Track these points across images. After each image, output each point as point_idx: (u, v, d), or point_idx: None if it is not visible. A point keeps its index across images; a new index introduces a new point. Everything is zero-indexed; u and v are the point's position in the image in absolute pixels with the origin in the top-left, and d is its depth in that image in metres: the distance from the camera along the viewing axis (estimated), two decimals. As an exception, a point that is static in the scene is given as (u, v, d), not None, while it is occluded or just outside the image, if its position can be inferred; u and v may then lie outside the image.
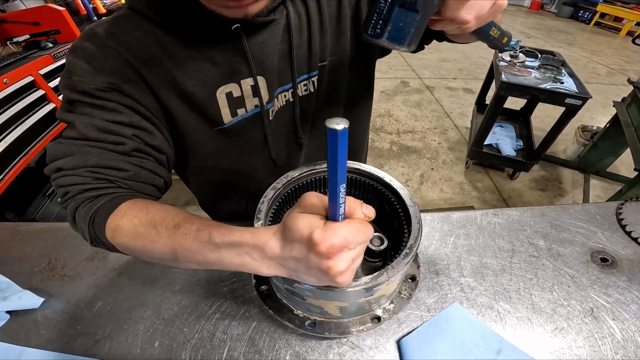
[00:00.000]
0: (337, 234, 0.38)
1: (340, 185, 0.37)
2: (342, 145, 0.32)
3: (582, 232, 0.78)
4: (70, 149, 0.56)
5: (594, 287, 0.67)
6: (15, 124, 1.67)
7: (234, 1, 0.51)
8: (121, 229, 0.51)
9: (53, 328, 0.66)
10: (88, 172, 0.55)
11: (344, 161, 0.35)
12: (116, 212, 0.53)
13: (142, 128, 0.59)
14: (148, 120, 0.61)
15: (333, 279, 0.41)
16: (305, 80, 0.74)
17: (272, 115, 0.74)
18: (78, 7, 2.54)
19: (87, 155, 0.55)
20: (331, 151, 0.33)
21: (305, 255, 0.41)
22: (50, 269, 0.77)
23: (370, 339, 0.61)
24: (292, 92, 0.74)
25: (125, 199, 0.55)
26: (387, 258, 0.66)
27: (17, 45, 2.06)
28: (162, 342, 0.62)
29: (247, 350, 0.60)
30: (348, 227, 0.40)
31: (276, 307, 0.61)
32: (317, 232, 0.39)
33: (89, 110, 0.56)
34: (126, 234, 0.51)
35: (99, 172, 0.56)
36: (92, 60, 0.56)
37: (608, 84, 5.11)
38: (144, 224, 0.50)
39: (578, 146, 3.09)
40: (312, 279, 0.44)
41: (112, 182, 0.57)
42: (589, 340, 0.59)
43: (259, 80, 0.67)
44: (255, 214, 0.59)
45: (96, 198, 0.55)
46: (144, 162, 0.60)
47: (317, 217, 0.41)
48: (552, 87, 2.37)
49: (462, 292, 0.68)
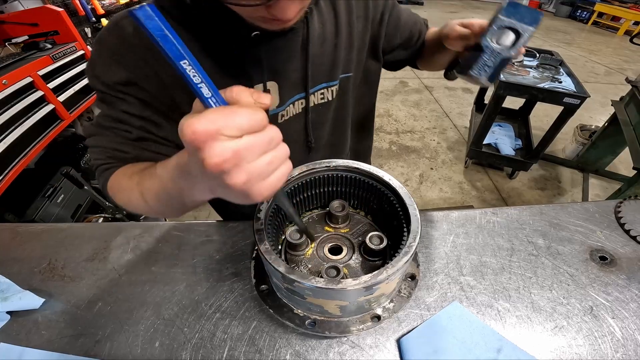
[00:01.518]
0: (200, 118, 0.33)
1: (178, 62, 0.33)
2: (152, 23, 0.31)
3: (581, 231, 0.78)
4: (94, 130, 0.68)
5: (593, 285, 0.67)
6: (15, 125, 1.67)
7: (278, 22, 0.50)
8: (116, 188, 0.64)
9: (53, 328, 0.66)
10: (101, 151, 0.67)
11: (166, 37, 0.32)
12: (114, 176, 0.65)
13: (150, 120, 0.66)
14: (160, 114, 0.66)
15: (220, 180, 0.35)
16: (324, 88, 0.76)
17: (281, 119, 0.75)
18: (76, 8, 2.54)
19: (103, 139, 0.67)
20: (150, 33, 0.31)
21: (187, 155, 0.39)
22: (51, 270, 0.77)
23: (370, 338, 0.61)
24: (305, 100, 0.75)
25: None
26: (387, 257, 0.66)
27: (15, 46, 2.06)
28: (162, 342, 0.62)
29: (248, 349, 0.60)
30: (218, 111, 0.34)
31: (276, 307, 0.61)
32: (182, 122, 0.34)
33: (110, 100, 0.64)
34: (118, 190, 0.63)
35: (109, 152, 0.66)
36: (114, 54, 0.61)
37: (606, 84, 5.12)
38: (126, 177, 0.61)
39: (577, 145, 3.10)
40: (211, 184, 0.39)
41: (121, 161, 0.67)
42: (589, 339, 0.59)
43: (270, 85, 0.68)
44: (255, 213, 0.59)
45: (107, 170, 0.67)
46: (148, 146, 0.67)
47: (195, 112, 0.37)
48: (551, 86, 2.38)
49: (462, 290, 0.68)
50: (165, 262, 0.76)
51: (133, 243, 0.81)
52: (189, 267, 0.75)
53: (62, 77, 1.97)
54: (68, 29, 2.14)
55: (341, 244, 0.67)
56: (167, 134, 0.68)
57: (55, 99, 1.89)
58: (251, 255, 0.74)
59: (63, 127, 2.00)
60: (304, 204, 0.73)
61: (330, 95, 0.78)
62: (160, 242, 0.81)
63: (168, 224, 0.86)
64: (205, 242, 0.80)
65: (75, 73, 2.09)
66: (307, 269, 0.63)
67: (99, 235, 0.84)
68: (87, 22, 2.70)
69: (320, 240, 0.68)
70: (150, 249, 0.80)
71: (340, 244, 0.67)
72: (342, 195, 0.74)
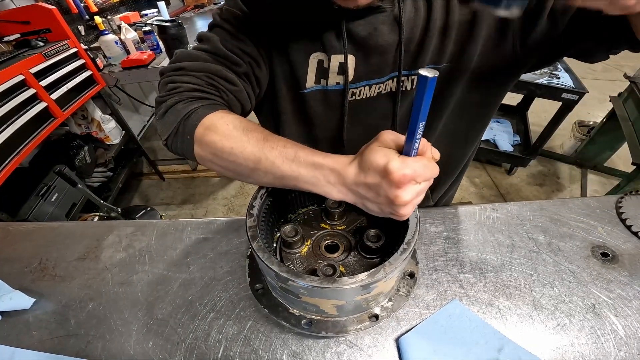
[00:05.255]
0: (409, 166, 0.44)
1: (420, 122, 0.41)
2: (429, 89, 0.37)
3: (582, 227, 0.77)
4: (199, 55, 0.67)
5: (595, 282, 0.66)
6: (6, 123, 1.64)
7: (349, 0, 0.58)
8: (216, 128, 0.58)
9: (44, 329, 0.65)
10: (206, 77, 0.66)
11: (428, 103, 0.39)
12: (215, 113, 0.60)
13: (256, 60, 0.70)
14: (262, 57, 0.71)
15: (397, 209, 0.47)
16: (404, 77, 0.71)
17: (351, 97, 0.74)
18: (69, 5, 2.50)
19: (211, 64, 0.66)
20: (419, 93, 0.38)
21: (378, 182, 0.46)
22: (42, 269, 0.75)
23: (369, 338, 0.60)
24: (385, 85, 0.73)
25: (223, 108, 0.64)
26: (385, 255, 0.65)
27: (7, 45, 2.03)
28: (156, 343, 0.61)
29: (243, 350, 0.59)
30: (419, 162, 0.45)
31: (271, 306, 0.60)
32: (393, 162, 0.44)
33: (225, 34, 0.68)
34: (219, 133, 0.57)
35: (215, 79, 0.66)
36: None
37: (604, 80, 5.12)
38: (237, 129, 0.57)
39: (575, 141, 3.09)
40: (376, 208, 0.50)
41: (220, 91, 0.67)
42: (592, 337, 0.58)
43: (349, 58, 0.68)
44: (248, 209, 0.58)
45: (199, 99, 0.64)
46: (246, 86, 0.71)
47: (393, 151, 0.47)
48: (549, 82, 2.37)
49: (462, 288, 0.66)
50: (158, 260, 0.75)
51: (125, 242, 0.80)
52: (182, 266, 0.73)
53: (54, 75, 1.94)
54: (60, 27, 2.10)
55: (338, 242, 0.65)
56: (262, 77, 0.73)
57: (48, 97, 1.87)
58: (246, 253, 0.72)
59: (56, 125, 1.97)
60: (299, 201, 0.72)
61: (410, 85, 0.72)
62: (153, 240, 0.80)
63: (161, 222, 0.85)
64: (199, 241, 0.79)
65: (68, 71, 2.06)
66: (302, 268, 0.62)
67: (90, 233, 0.83)
68: (81, 20, 2.67)
69: (316, 237, 0.66)
70: (143, 248, 0.78)
71: (337, 242, 0.65)
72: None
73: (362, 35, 0.66)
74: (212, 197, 3.08)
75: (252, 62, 0.70)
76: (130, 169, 2.93)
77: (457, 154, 0.92)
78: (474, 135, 0.89)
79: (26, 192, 1.94)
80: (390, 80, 0.72)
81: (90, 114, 2.46)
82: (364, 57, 0.69)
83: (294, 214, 0.73)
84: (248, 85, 0.71)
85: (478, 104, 0.79)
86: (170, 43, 2.24)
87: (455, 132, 0.84)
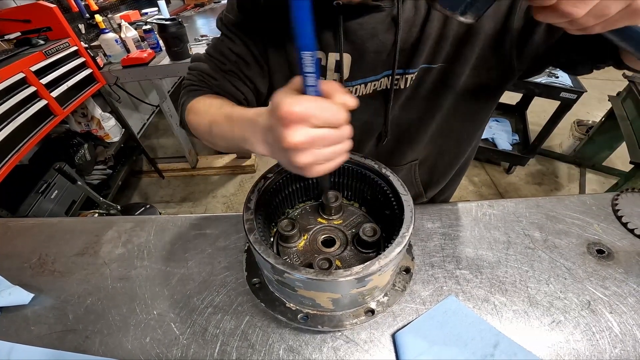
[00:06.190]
0: (299, 103, 0.38)
1: (302, 52, 0.37)
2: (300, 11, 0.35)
3: (578, 224, 0.77)
4: (201, 57, 0.79)
5: (590, 279, 0.67)
6: (7, 120, 1.65)
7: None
8: (192, 108, 0.70)
9: (43, 324, 0.65)
10: (198, 74, 0.77)
11: (307, 27, 0.36)
12: (197, 99, 0.71)
13: (244, 59, 0.75)
14: (253, 57, 0.75)
15: (289, 155, 0.41)
16: (399, 75, 0.71)
17: None
18: (69, 4, 2.50)
19: (202, 64, 0.77)
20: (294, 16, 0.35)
21: (269, 121, 0.42)
22: (41, 265, 0.76)
23: (365, 333, 0.60)
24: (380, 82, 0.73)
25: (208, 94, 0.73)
26: (381, 249, 0.65)
27: (7, 43, 2.03)
28: (153, 338, 0.61)
29: (240, 344, 0.59)
30: (315, 102, 0.39)
31: (268, 300, 0.60)
32: (281, 96, 0.40)
33: (222, 37, 0.77)
34: (193, 111, 0.69)
35: (203, 76, 0.76)
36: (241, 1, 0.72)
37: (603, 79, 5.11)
38: (206, 105, 0.67)
39: (574, 140, 3.09)
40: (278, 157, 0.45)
41: (207, 85, 0.76)
42: (587, 334, 0.59)
43: (345, 56, 0.69)
44: (245, 202, 0.58)
45: (192, 92, 0.75)
46: (233, 80, 0.76)
47: (293, 90, 0.42)
48: (547, 81, 2.37)
49: (458, 284, 0.67)
50: (156, 256, 0.76)
51: (124, 237, 0.80)
52: (180, 261, 0.74)
53: (54, 73, 1.94)
54: (61, 25, 2.10)
55: (334, 236, 0.66)
56: (252, 74, 0.77)
57: (48, 95, 1.87)
58: (243, 248, 0.73)
59: (56, 123, 1.97)
60: (296, 195, 0.72)
61: (404, 84, 0.72)
62: (151, 236, 0.80)
63: (160, 218, 0.85)
64: (197, 236, 0.79)
65: (69, 69, 2.06)
66: (299, 262, 0.62)
67: (89, 229, 0.83)
68: (81, 19, 2.66)
69: (313, 232, 0.67)
70: (142, 243, 0.79)
71: (334, 236, 0.66)
72: (336, 186, 0.73)
73: (359, 34, 0.66)
74: (211, 195, 3.08)
75: (238, 61, 0.75)
76: (129, 167, 2.92)
77: (451, 154, 0.92)
78: (468, 135, 0.89)
79: (26, 189, 1.94)
80: (385, 78, 0.72)
81: (90, 112, 2.46)
82: (359, 56, 0.69)
83: (292, 209, 0.73)
84: (237, 81, 0.76)
85: (472, 105, 0.79)
86: (171, 41, 2.23)
87: (449, 132, 0.84)
